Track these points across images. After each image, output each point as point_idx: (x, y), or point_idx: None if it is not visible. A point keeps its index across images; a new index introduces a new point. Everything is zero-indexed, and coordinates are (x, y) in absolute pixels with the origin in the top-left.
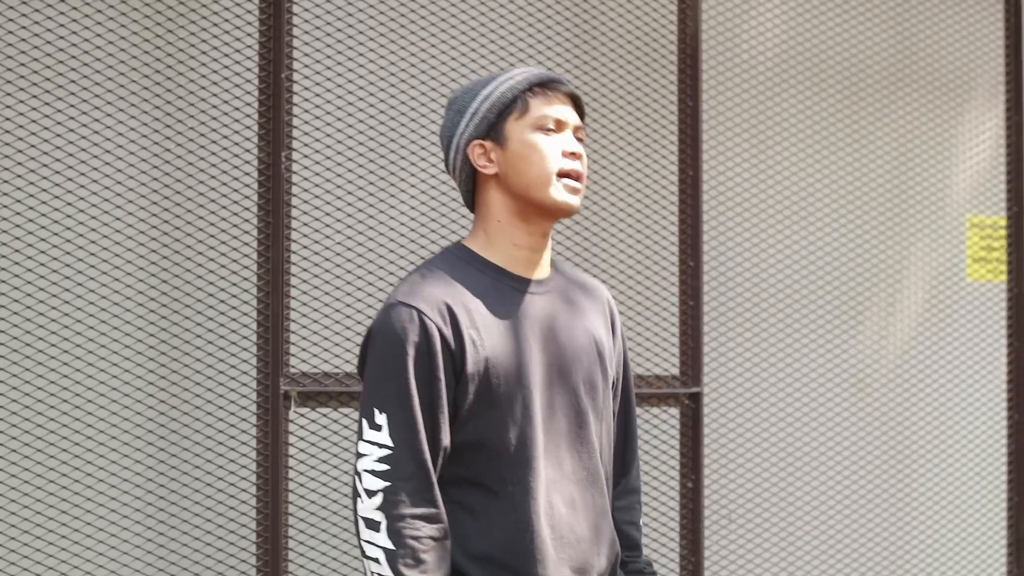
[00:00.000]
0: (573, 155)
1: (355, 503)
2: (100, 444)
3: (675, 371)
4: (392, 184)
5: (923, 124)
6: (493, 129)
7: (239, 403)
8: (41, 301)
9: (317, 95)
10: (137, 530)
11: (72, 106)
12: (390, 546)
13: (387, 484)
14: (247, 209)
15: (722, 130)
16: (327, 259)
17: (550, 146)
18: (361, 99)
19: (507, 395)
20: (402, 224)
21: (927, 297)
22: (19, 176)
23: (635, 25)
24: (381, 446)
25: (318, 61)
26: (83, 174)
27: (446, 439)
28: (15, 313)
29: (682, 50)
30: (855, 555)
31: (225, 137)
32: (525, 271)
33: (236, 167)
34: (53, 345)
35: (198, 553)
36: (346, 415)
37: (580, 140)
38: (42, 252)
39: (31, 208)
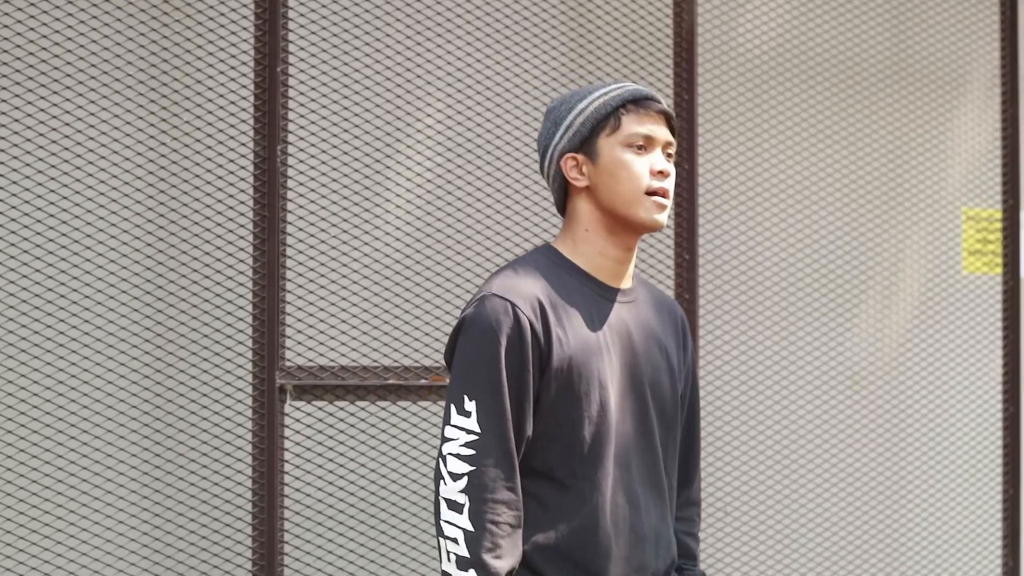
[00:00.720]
0: (661, 174)
1: (437, 485)
2: (95, 438)
3: None
4: (388, 178)
5: (918, 117)
6: (586, 143)
7: (234, 396)
8: (36, 295)
9: (312, 88)
10: (132, 523)
11: (67, 100)
12: (470, 528)
13: (472, 468)
14: (242, 203)
15: (718, 123)
16: (322, 252)
17: (640, 164)
18: (357, 92)
19: (586, 393)
20: (397, 217)
21: (923, 290)
22: (14, 170)
23: (631, 19)
24: (469, 431)
25: (313, 55)
26: (78, 168)
27: (530, 429)
28: (10, 307)
29: (678, 44)
30: (851, 548)
31: (221, 131)
32: (609, 279)
33: (231, 160)
34: (48, 339)
35: (194, 547)
36: (341, 408)
37: (670, 155)
38: (37, 246)
39: (26, 202)
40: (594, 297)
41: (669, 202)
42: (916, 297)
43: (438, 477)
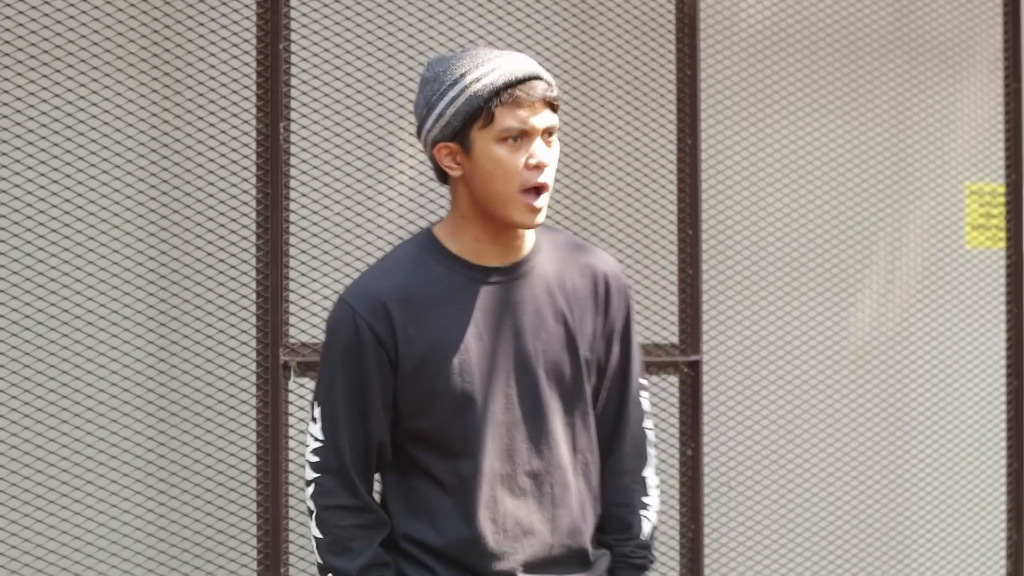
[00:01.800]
0: (537, 167)
1: (304, 490)
2: (100, 415)
3: (674, 339)
4: (391, 155)
5: (921, 91)
6: (459, 135)
7: (239, 373)
8: (40, 273)
9: (315, 66)
10: (137, 500)
11: (69, 78)
12: (319, 535)
13: (317, 475)
14: (245, 180)
15: (720, 99)
16: (326, 229)
17: (514, 160)
18: (359, 70)
19: (448, 390)
20: (400, 194)
21: (926, 264)
22: (17, 148)
23: None
24: (316, 439)
25: (316, 32)
26: (80, 146)
27: (379, 435)
28: (14, 285)
29: (680, 19)
30: (854, 521)
31: (223, 109)
32: (489, 260)
33: (235, 139)
34: (52, 317)
35: (198, 523)
36: None
37: (551, 140)
38: (40, 224)
39: (29, 180)
40: (465, 283)
41: (547, 195)
42: (919, 272)
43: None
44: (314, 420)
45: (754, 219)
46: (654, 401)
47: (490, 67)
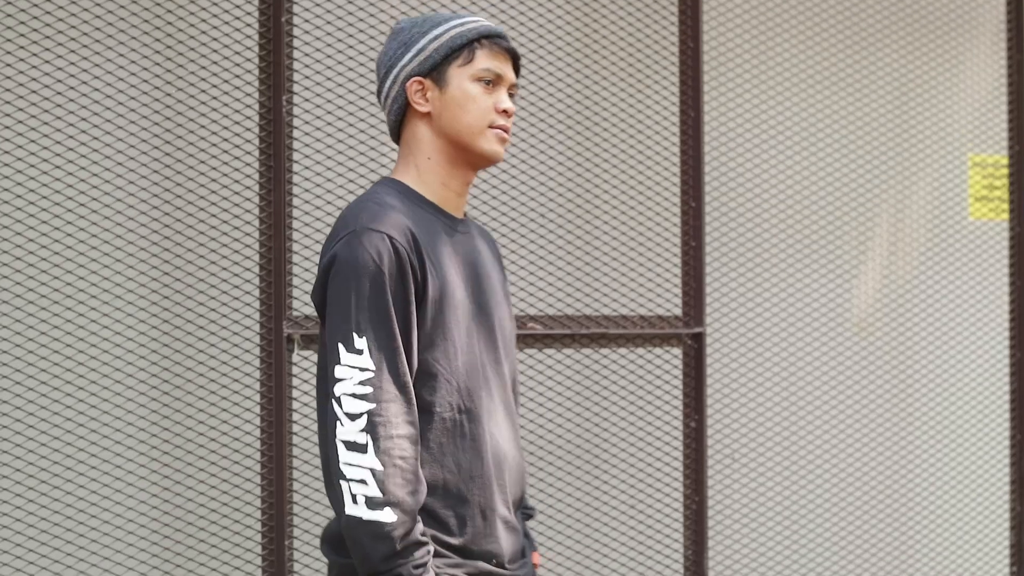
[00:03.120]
0: (505, 112)
1: (333, 427)
2: (104, 388)
3: (677, 311)
4: None
5: (924, 63)
6: (436, 69)
7: (242, 347)
8: (43, 247)
9: (318, 39)
10: (142, 473)
11: (72, 51)
12: (379, 467)
13: (372, 406)
14: (248, 153)
15: (723, 70)
16: (329, 202)
17: (487, 99)
18: (362, 43)
19: (456, 325)
20: None
21: (929, 236)
22: (20, 122)
23: None
24: (363, 369)
25: (318, 5)
26: (83, 119)
27: (416, 361)
28: (17, 259)
29: None
30: (858, 492)
31: (226, 82)
32: (452, 211)
33: (237, 111)
34: (56, 290)
35: (203, 496)
36: None
37: (513, 96)
38: (43, 197)
39: (32, 154)
40: (444, 228)
41: (507, 140)
42: (922, 244)
43: (333, 420)
44: (355, 351)
45: (757, 191)
46: (658, 373)
47: (470, 19)
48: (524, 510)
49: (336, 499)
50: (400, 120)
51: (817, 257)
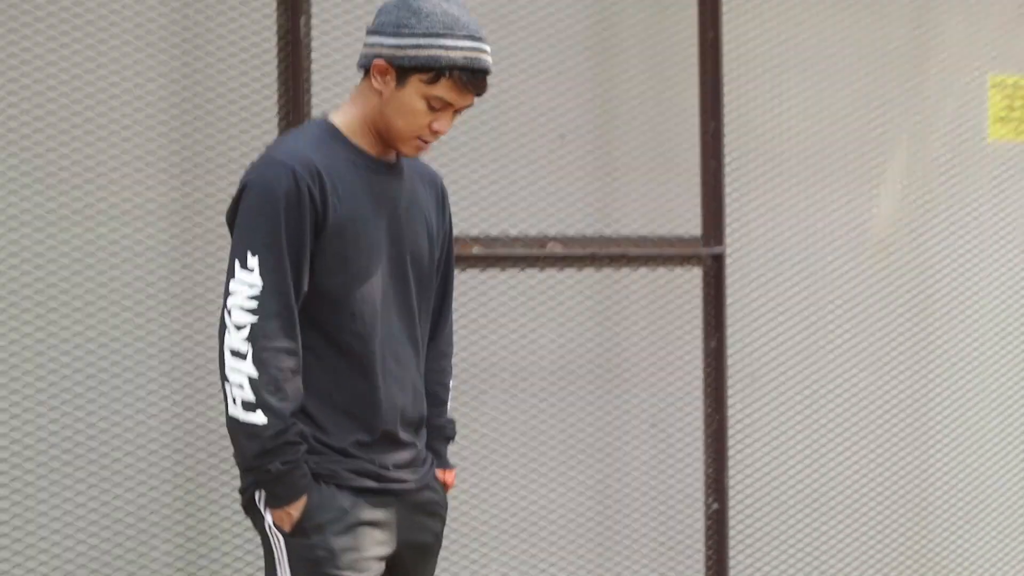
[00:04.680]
0: (436, 133)
1: (222, 335)
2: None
3: (697, 232)
4: None
5: None
6: (403, 69)
7: None
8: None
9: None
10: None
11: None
12: (254, 374)
13: (255, 319)
14: (267, 75)
15: None
16: None
17: (425, 118)
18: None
19: (355, 257)
20: None
21: (948, 156)
22: (38, 56)
23: None
24: (251, 285)
25: None
26: (101, 41)
27: (306, 284)
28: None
29: None
30: (879, 412)
31: (243, 3)
32: (379, 155)
33: (255, 32)
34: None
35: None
36: None
37: (460, 112)
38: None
39: (51, 88)
40: (364, 170)
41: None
42: (942, 164)
43: (223, 328)
44: (248, 269)
45: (776, 111)
46: (678, 294)
47: (465, 45)
48: (439, 430)
49: (223, 399)
50: (364, 71)
51: (837, 177)
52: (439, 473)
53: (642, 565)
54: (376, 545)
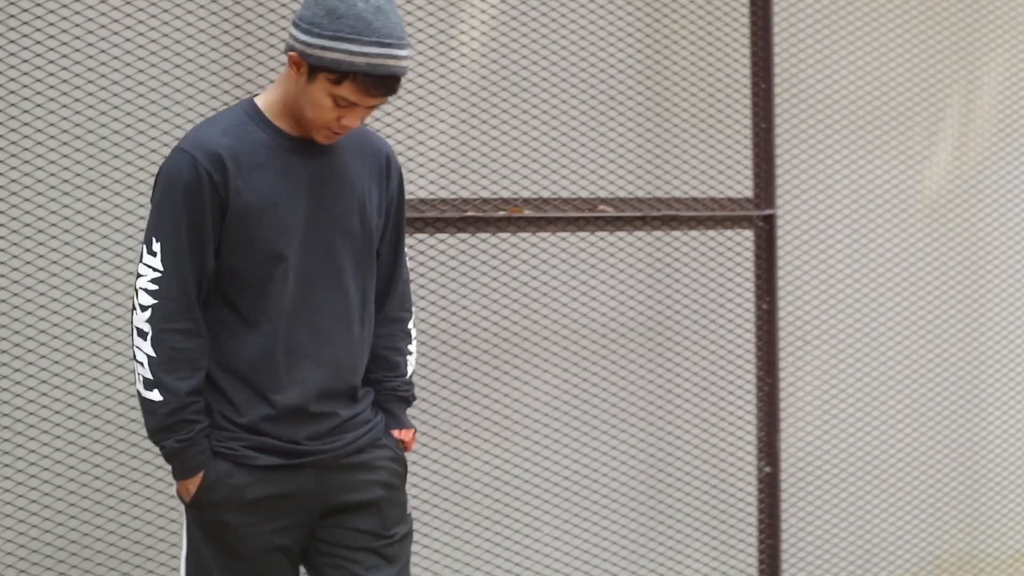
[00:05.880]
0: (344, 127)
1: (132, 314)
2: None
3: (748, 194)
4: (463, 9)
5: None
6: (312, 66)
7: None
8: (103, 126)
9: None
10: None
11: None
12: (153, 353)
13: (155, 302)
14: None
15: None
16: (399, 96)
17: (332, 113)
18: None
19: (263, 237)
20: (473, 50)
21: (1000, 117)
22: None
23: None
24: (155, 269)
25: None
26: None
27: (211, 263)
28: (78, 150)
29: None
30: (930, 375)
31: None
32: (302, 134)
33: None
34: (118, 181)
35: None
36: (420, 241)
37: (373, 108)
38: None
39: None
40: (282, 151)
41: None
42: (993, 125)
43: (132, 308)
44: (152, 253)
45: (827, 72)
46: (728, 256)
47: (371, 51)
48: (390, 392)
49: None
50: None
51: (888, 139)
52: (396, 433)
53: (694, 528)
54: (278, 518)
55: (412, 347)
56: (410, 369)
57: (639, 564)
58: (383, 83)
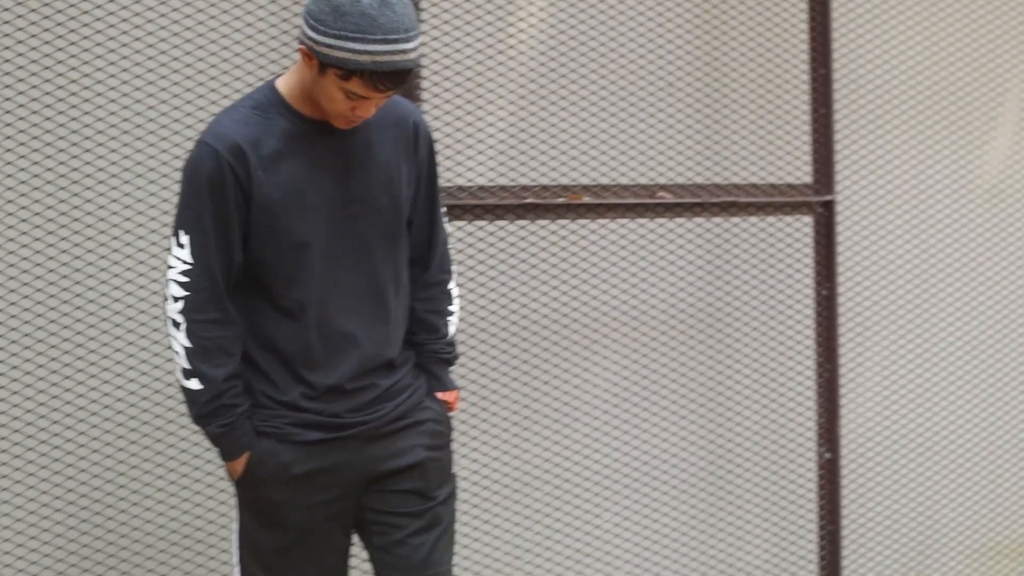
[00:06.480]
0: (359, 116)
1: (164, 305)
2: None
3: (808, 179)
4: (519, 8)
5: None
6: (321, 62)
7: None
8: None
9: None
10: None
11: None
12: (188, 343)
13: (187, 293)
14: None
15: None
16: (458, 72)
17: (345, 104)
18: None
19: (286, 227)
20: (531, 37)
21: None
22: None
23: None
24: (184, 261)
25: None
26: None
27: (239, 256)
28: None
29: None
30: (990, 360)
31: None
32: (322, 116)
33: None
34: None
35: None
36: (480, 228)
37: (385, 97)
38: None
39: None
40: (303, 137)
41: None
42: None
43: (164, 299)
44: (180, 246)
45: (887, 57)
46: (788, 242)
47: (375, 49)
48: (433, 355)
49: None
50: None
51: (948, 124)
52: (439, 395)
53: (754, 515)
54: (324, 491)
55: (454, 307)
56: (452, 329)
57: (699, 550)
58: (391, 78)
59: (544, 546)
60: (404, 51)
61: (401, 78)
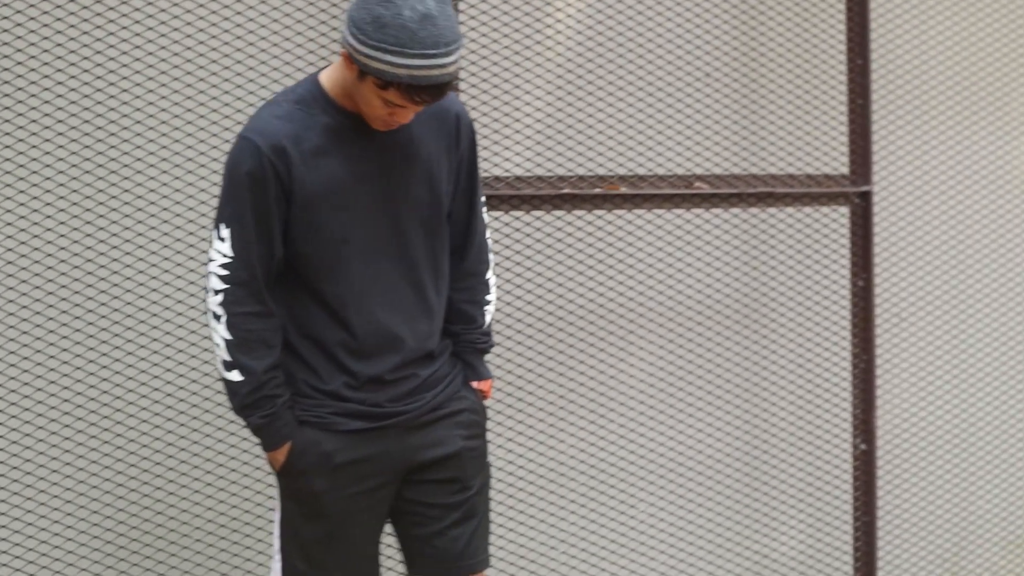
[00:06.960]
0: (398, 122)
1: (205, 298)
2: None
3: (844, 170)
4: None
5: None
6: (361, 69)
7: None
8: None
9: None
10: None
11: None
12: (228, 336)
13: (227, 286)
14: None
15: None
16: (495, 63)
17: (383, 109)
18: None
19: (327, 221)
20: (568, 27)
21: None
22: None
23: None
24: (224, 255)
25: None
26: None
27: (279, 251)
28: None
29: None
30: None
31: None
32: None
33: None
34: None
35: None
36: (517, 218)
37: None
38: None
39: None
40: (345, 133)
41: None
42: None
43: (205, 291)
44: (221, 239)
45: (924, 47)
46: (824, 232)
47: (413, 64)
48: (469, 344)
49: None
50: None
51: (985, 114)
52: (473, 384)
53: (789, 506)
54: (364, 481)
55: (491, 296)
56: (488, 319)
57: (734, 541)
58: (428, 91)
59: (579, 536)
60: (442, 65)
61: (439, 91)
